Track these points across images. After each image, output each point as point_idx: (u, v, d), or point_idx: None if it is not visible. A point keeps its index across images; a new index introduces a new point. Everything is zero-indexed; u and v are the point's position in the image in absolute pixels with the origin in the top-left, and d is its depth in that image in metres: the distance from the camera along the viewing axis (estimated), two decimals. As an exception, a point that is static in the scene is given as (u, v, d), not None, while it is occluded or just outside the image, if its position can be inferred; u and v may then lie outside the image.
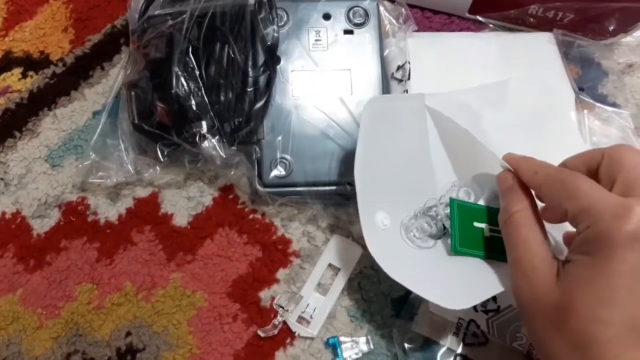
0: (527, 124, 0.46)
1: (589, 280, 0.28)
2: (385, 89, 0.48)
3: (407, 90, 0.48)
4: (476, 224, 0.40)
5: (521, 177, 0.36)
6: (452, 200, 0.40)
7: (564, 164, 0.36)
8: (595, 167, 0.33)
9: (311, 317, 0.43)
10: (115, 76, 0.50)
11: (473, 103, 0.45)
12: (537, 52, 0.50)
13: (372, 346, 0.42)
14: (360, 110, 0.45)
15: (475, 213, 0.40)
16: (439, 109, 0.43)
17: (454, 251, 0.39)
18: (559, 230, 0.37)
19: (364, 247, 0.42)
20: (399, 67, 0.49)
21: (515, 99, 0.46)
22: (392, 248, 0.41)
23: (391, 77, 0.49)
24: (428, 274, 0.40)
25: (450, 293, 0.37)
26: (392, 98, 0.46)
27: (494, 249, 0.39)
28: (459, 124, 0.42)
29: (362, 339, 0.42)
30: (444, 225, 0.41)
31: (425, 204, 0.43)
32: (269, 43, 0.43)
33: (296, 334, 0.42)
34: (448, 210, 0.41)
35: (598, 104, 0.48)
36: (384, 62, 0.48)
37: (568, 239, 0.37)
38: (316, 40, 0.47)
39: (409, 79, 0.48)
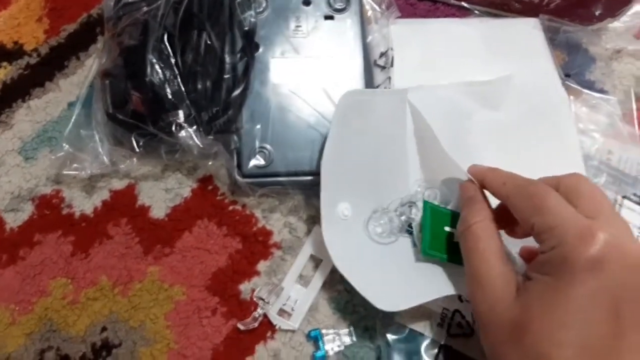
0: (517, 120, 0.45)
1: (548, 301, 0.29)
2: (368, 76, 0.47)
3: (390, 78, 0.46)
4: (447, 228, 0.40)
5: (488, 188, 0.36)
6: (425, 203, 0.40)
7: None
8: None
9: (292, 309, 0.42)
10: (90, 66, 0.48)
11: (463, 99, 0.44)
12: (523, 38, 0.49)
13: (354, 338, 0.41)
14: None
15: (446, 217, 0.40)
16: (419, 106, 0.43)
17: (423, 253, 0.39)
18: (513, 244, 0.37)
19: (346, 237, 0.41)
20: (382, 54, 0.48)
21: (507, 95, 0.45)
22: (346, 239, 0.41)
23: (374, 64, 0.48)
24: (376, 270, 0.40)
25: (390, 293, 0.38)
26: (372, 92, 0.44)
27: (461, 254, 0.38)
28: (431, 127, 0.41)
29: (345, 331, 0.41)
30: (410, 225, 0.41)
31: (392, 201, 0.42)
32: (246, 28, 0.42)
33: (277, 327, 0.41)
34: (415, 211, 0.41)
35: (585, 90, 0.47)
36: (366, 48, 0.47)
37: (526, 253, 0.38)
38: (296, 26, 0.46)
39: (392, 66, 0.47)
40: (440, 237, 0.39)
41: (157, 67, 0.41)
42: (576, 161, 0.44)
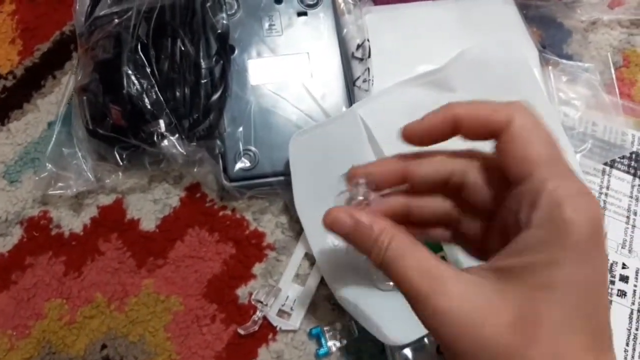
0: (482, 96, 0.44)
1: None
2: (347, 69, 0.46)
3: (368, 69, 0.46)
4: None
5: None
6: None
7: None
8: None
9: (291, 309, 0.41)
10: (66, 83, 0.48)
11: (417, 94, 0.43)
12: (496, 13, 0.48)
13: (356, 333, 0.41)
14: (323, 92, 0.45)
15: None
16: (372, 119, 0.42)
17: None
18: None
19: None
20: (358, 46, 0.48)
21: (464, 75, 0.43)
22: (343, 267, 0.41)
23: (352, 57, 0.48)
24: (376, 299, 0.40)
25: (394, 325, 0.38)
26: (320, 124, 0.43)
27: None
28: (391, 136, 0.40)
29: (346, 326, 0.41)
30: None
31: None
32: (219, 31, 0.42)
33: (278, 328, 0.41)
34: None
35: (563, 60, 0.47)
36: (342, 42, 0.47)
37: None
38: (270, 25, 0.46)
39: (369, 56, 0.47)
40: None
41: (133, 78, 0.41)
42: (552, 121, 0.43)
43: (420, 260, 0.25)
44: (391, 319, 0.39)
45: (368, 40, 0.47)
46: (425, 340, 0.40)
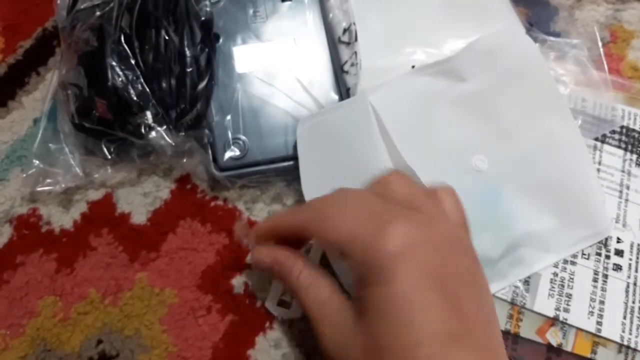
0: (491, 84, 0.43)
1: (380, 313, 0.28)
2: (334, 54, 0.46)
3: (356, 53, 0.46)
4: None
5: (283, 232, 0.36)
6: None
7: None
8: None
9: (291, 298, 0.41)
10: (51, 79, 0.47)
11: (429, 83, 0.43)
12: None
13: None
14: (311, 77, 0.45)
15: None
16: (382, 106, 0.42)
17: None
18: None
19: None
20: (345, 30, 0.47)
21: (474, 63, 0.44)
22: None
23: (338, 41, 0.47)
24: None
25: None
26: (330, 109, 0.43)
27: None
28: (401, 123, 0.41)
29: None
30: None
31: None
32: (203, 18, 0.42)
33: (278, 318, 0.41)
34: None
35: (550, 38, 0.46)
36: (328, 26, 0.47)
37: None
38: (254, 12, 0.45)
39: (356, 40, 0.46)
40: None
41: (118, 70, 0.41)
42: (562, 109, 0.44)
43: (319, 292, 0.32)
44: None
45: (354, 24, 0.47)
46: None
